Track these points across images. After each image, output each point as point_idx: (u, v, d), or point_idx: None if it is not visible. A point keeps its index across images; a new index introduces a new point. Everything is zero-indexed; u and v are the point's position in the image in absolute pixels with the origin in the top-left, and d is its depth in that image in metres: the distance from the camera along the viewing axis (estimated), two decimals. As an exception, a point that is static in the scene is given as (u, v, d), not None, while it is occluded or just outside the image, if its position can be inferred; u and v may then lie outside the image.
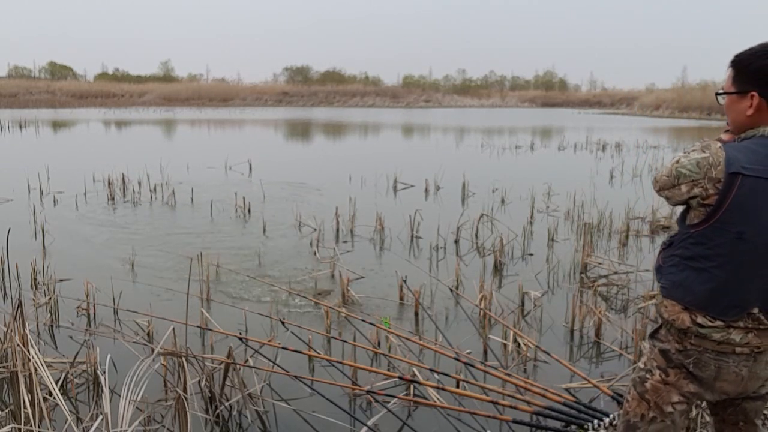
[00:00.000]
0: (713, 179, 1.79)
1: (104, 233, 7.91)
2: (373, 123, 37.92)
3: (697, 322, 1.89)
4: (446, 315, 5.07)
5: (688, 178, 1.83)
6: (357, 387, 3.52)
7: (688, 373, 1.95)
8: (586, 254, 6.34)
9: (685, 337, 1.93)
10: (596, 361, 4.29)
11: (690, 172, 1.83)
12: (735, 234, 1.80)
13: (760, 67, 1.86)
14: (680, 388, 1.96)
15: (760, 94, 1.85)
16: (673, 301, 1.94)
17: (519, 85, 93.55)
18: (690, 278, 1.90)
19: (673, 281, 1.94)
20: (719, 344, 1.89)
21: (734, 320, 1.86)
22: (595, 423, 2.88)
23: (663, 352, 1.99)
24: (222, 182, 12.34)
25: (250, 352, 3.74)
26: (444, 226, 7.50)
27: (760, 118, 1.87)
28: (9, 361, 3.34)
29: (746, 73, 1.88)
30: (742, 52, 1.90)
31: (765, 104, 1.86)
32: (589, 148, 20.53)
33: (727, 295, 1.85)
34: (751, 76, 1.87)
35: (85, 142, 23.63)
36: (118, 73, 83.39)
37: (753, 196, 1.77)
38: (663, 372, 1.98)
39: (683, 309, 1.91)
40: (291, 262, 6.60)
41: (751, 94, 1.87)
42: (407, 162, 15.39)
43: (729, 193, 1.78)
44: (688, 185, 1.84)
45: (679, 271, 1.93)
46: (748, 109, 1.87)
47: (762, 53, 1.86)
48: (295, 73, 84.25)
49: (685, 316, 1.91)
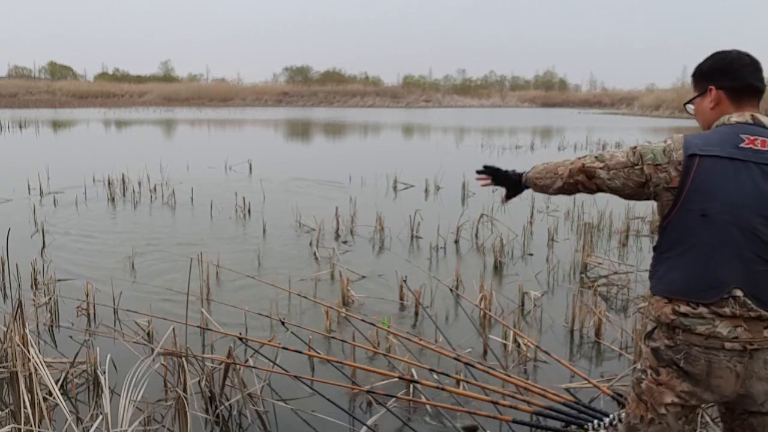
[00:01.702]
0: (674, 162, 1.90)
1: (104, 233, 7.91)
2: (373, 123, 37.92)
3: (680, 311, 1.89)
4: (446, 315, 5.07)
5: (653, 161, 1.93)
6: (357, 387, 3.52)
7: (679, 370, 1.93)
8: (586, 254, 6.35)
9: (673, 333, 1.93)
10: (596, 361, 4.29)
11: (655, 156, 1.93)
12: (699, 212, 1.87)
13: (710, 65, 2.04)
14: (673, 387, 1.94)
15: (717, 86, 2.00)
16: (658, 297, 1.97)
17: (519, 85, 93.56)
18: (668, 268, 1.95)
19: (657, 278, 1.99)
20: (706, 338, 1.87)
21: (719, 306, 1.85)
22: (595, 423, 2.88)
23: (654, 351, 1.99)
24: (222, 182, 12.34)
25: (250, 352, 3.74)
26: (444, 226, 7.50)
27: (722, 109, 2.00)
28: (9, 361, 3.34)
29: (701, 75, 2.07)
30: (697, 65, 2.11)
31: (723, 94, 1.99)
32: (589, 148, 20.54)
33: (701, 277, 1.88)
34: (705, 75, 2.05)
35: (85, 142, 23.63)
36: (118, 73, 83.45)
37: (712, 174, 1.86)
38: (654, 372, 1.97)
39: (666, 302, 1.94)
40: (291, 261, 6.61)
41: (709, 89, 2.02)
42: (407, 162, 15.39)
43: (689, 173, 1.87)
44: (651, 168, 1.94)
45: (659, 265, 1.99)
46: (710, 104, 2.02)
47: (711, 56, 2.06)
48: (295, 73, 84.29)
49: (667, 308, 1.93)
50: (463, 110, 63.91)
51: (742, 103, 1.98)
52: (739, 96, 1.98)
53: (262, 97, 70.52)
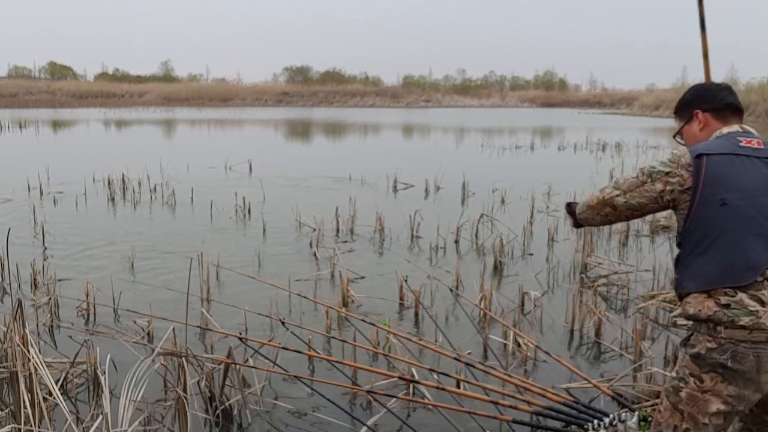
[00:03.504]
0: (684, 165, 2.01)
1: (104, 233, 7.91)
2: (373, 123, 37.92)
3: (722, 303, 1.90)
4: (446, 315, 5.07)
5: (662, 173, 2.03)
6: (357, 387, 3.52)
7: (725, 372, 1.90)
8: (586, 254, 6.35)
9: (715, 331, 1.92)
10: (596, 361, 4.29)
11: (663, 167, 2.03)
12: (719, 202, 1.94)
13: (691, 94, 2.24)
14: (719, 393, 1.91)
15: (702, 109, 2.18)
16: (695, 294, 1.98)
17: (519, 85, 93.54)
18: (699, 263, 1.98)
19: (688, 277, 2.01)
20: (751, 332, 1.87)
21: (757, 290, 1.88)
22: (595, 423, 2.88)
23: (694, 357, 1.96)
24: (222, 182, 12.34)
25: (250, 352, 3.74)
26: (444, 226, 7.50)
27: (711, 128, 2.16)
28: (9, 361, 3.34)
29: (685, 105, 2.25)
30: (678, 100, 2.31)
31: (709, 116, 2.17)
32: (589, 148, 20.53)
33: (735, 261, 1.91)
34: (688, 103, 2.24)
35: (84, 142, 23.63)
36: (118, 73, 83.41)
37: (722, 167, 1.97)
38: (697, 379, 1.94)
39: (706, 297, 1.95)
40: (291, 261, 6.61)
41: (695, 113, 2.20)
42: (407, 162, 15.39)
43: (700, 170, 1.96)
44: (662, 180, 2.03)
45: (690, 265, 2.02)
46: (698, 126, 2.18)
47: (690, 88, 2.28)
48: (295, 73, 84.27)
49: (709, 302, 1.93)
50: (463, 110, 63.91)
51: (727, 120, 2.14)
52: (723, 115, 2.14)
53: (262, 97, 70.50)
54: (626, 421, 2.80)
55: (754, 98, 37.97)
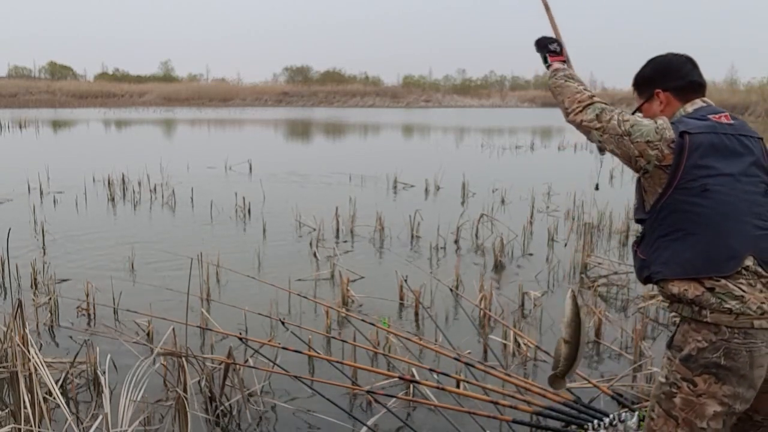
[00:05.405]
0: (667, 140, 1.92)
1: (104, 233, 7.91)
2: (373, 123, 37.91)
3: (707, 287, 1.85)
4: (446, 315, 5.07)
5: (643, 138, 1.93)
6: (357, 387, 3.52)
7: (718, 371, 1.84)
8: (586, 254, 6.35)
9: (700, 316, 1.86)
10: (596, 361, 4.29)
11: (647, 133, 1.94)
12: (700, 188, 1.87)
13: (651, 69, 2.12)
14: (714, 394, 1.85)
15: (663, 88, 2.08)
16: (675, 279, 1.91)
17: (519, 85, 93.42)
18: (677, 250, 1.91)
19: (662, 261, 1.94)
20: (737, 317, 1.82)
21: (735, 280, 1.83)
22: (595, 423, 2.88)
23: (685, 360, 1.89)
24: (222, 182, 12.34)
25: (250, 352, 3.74)
26: (444, 226, 7.50)
27: (673, 108, 2.06)
28: (9, 361, 3.34)
29: (644, 81, 2.13)
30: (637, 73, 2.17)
31: (671, 95, 2.07)
32: (589, 148, 20.49)
33: (717, 250, 1.86)
34: (648, 80, 2.12)
35: (85, 141, 23.63)
36: (118, 73, 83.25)
37: (704, 149, 1.89)
38: (690, 383, 1.88)
39: (690, 280, 1.88)
40: (291, 261, 6.61)
41: (656, 92, 2.09)
42: (407, 162, 15.38)
43: (683, 151, 1.89)
44: (642, 145, 1.94)
45: (663, 248, 1.95)
46: (659, 107, 2.07)
47: (649, 61, 2.14)
48: (295, 73, 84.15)
49: (695, 283, 1.87)
50: (463, 110, 63.88)
51: (689, 99, 2.05)
52: (685, 93, 2.06)
53: (262, 97, 70.41)
54: (626, 421, 2.80)
55: (754, 98, 37.93)
